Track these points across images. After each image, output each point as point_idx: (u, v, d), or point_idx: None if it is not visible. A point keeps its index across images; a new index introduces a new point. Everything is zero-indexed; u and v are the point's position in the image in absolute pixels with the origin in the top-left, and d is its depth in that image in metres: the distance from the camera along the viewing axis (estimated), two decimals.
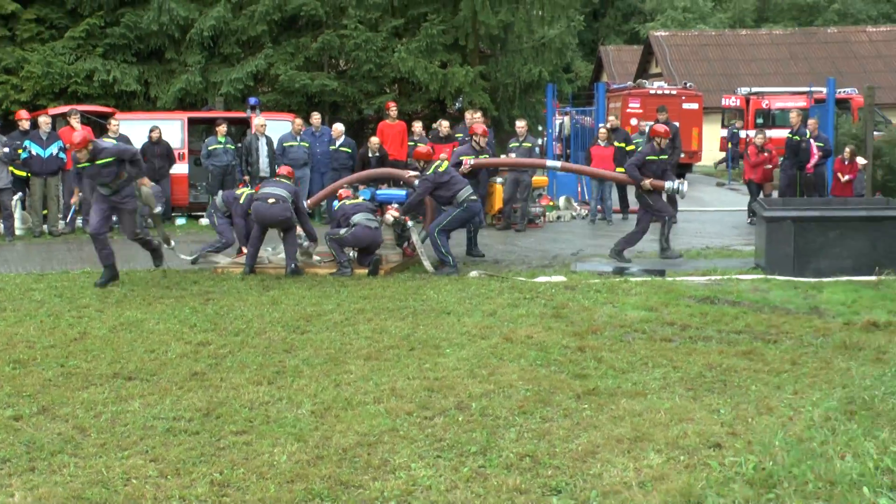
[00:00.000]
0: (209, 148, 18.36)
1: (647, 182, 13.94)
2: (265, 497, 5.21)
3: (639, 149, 17.37)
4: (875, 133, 23.71)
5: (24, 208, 18.41)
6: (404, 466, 5.63)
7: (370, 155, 18.44)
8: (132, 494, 5.25)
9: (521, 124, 18.76)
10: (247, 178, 18.62)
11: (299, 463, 5.69)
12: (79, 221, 18.28)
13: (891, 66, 45.75)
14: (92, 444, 6.06)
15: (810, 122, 19.52)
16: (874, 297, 10.69)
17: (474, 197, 13.65)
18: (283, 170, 14.05)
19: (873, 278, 11.87)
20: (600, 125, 20.94)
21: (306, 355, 8.37)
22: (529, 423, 6.41)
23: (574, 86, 32.21)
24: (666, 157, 14.65)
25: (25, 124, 17.68)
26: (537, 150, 18.67)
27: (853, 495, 5.06)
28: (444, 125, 18.70)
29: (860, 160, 19.27)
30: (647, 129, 20.40)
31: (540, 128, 27.81)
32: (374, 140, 18.71)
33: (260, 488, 5.32)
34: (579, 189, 22.60)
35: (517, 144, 18.31)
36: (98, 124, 18.50)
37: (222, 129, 18.55)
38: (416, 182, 13.57)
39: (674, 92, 31.25)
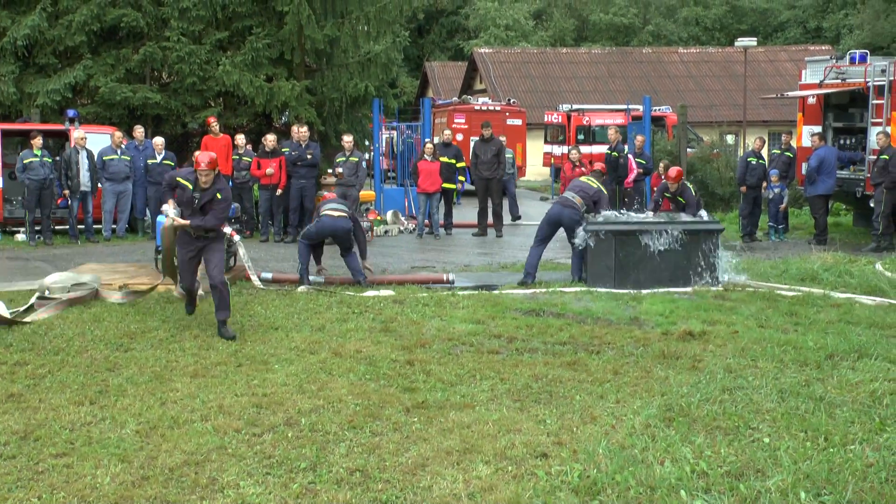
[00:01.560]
0: (24, 161, 17.65)
1: None
2: None
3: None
4: (688, 150, 24.80)
5: None
6: (233, 484, 5.55)
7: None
8: None
9: (347, 139, 18.78)
10: (66, 192, 18.00)
11: (123, 484, 5.53)
12: None
13: (701, 85, 47.89)
14: None
15: (638, 138, 20.33)
16: (689, 308, 11.15)
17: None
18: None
19: (688, 289, 12.39)
20: (426, 140, 21.15)
21: (130, 373, 8.15)
22: (359, 437, 6.41)
23: (400, 101, 32.47)
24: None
25: None
26: (364, 164, 18.72)
27: (672, 499, 5.27)
28: (269, 139, 18.52)
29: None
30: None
31: (367, 142, 27.86)
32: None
33: None
34: (406, 203, 22.76)
35: (344, 159, 18.32)
36: None
37: (37, 141, 17.86)
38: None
39: (498, 108, 31.85)
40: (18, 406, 7.17)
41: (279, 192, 18.20)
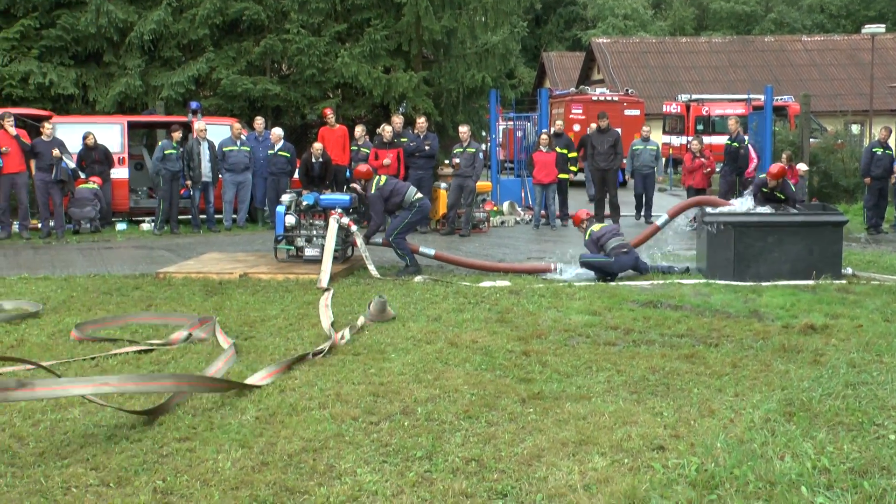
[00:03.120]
0: (164, 152, 18.15)
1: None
2: None
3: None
4: (811, 140, 24.15)
5: None
6: (350, 472, 5.61)
7: (313, 160, 18.37)
8: None
9: (464, 130, 18.81)
10: (189, 183, 18.46)
11: (244, 469, 5.64)
12: (15, 227, 18.00)
13: (825, 74, 46.63)
14: (30, 454, 5.96)
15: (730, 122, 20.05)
16: (811, 301, 10.87)
17: (420, 195, 13.78)
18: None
19: (810, 282, 12.09)
20: (542, 131, 21.08)
21: (251, 361, 8.31)
22: (475, 427, 6.42)
23: (517, 91, 32.37)
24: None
25: None
26: (481, 155, 18.75)
27: (792, 495, 5.14)
28: (387, 130, 18.68)
29: (802, 166, 19.63)
30: (649, 136, 20.71)
31: (483, 133, 27.89)
32: (318, 146, 18.65)
33: (204, 495, 5.27)
34: (523, 194, 22.71)
35: (461, 150, 18.36)
36: (34, 128, 18.21)
37: (177, 134, 18.35)
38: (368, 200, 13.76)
39: (616, 98, 31.57)
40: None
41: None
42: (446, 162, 19.83)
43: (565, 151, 19.72)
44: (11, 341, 9.13)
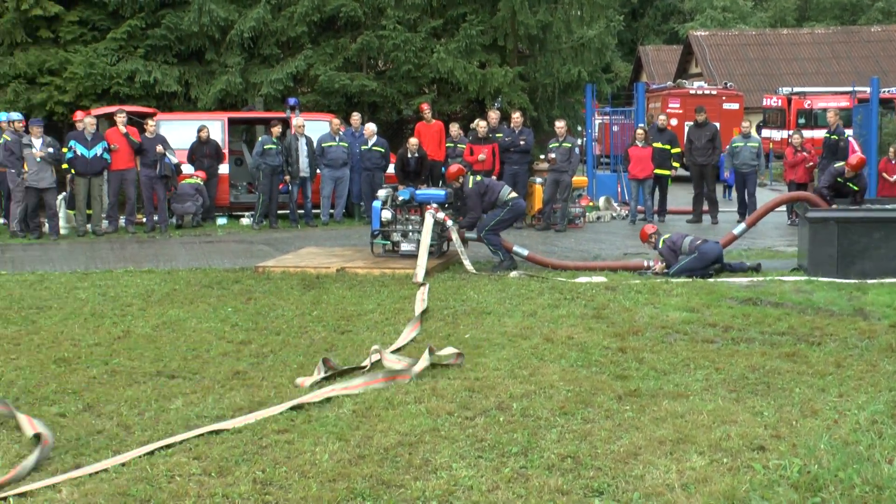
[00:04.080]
0: (264, 147, 18.41)
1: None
2: (307, 496, 5.23)
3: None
4: None
5: (68, 207, 18.63)
6: (445, 466, 5.63)
7: (409, 156, 18.48)
8: (176, 492, 5.29)
9: (560, 125, 18.71)
10: (287, 178, 18.69)
11: (341, 462, 5.70)
12: (121, 221, 18.47)
13: None
14: (136, 442, 6.11)
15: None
16: None
17: (515, 195, 13.75)
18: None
19: None
20: (639, 125, 20.86)
21: (347, 354, 8.40)
22: (571, 423, 6.39)
23: (613, 86, 32.09)
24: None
25: (80, 125, 17.91)
26: (577, 150, 18.61)
27: None
28: (481, 125, 18.68)
29: None
30: (750, 132, 20.20)
31: (579, 128, 27.72)
32: (413, 141, 18.75)
33: (302, 487, 5.34)
34: (619, 189, 22.52)
35: (557, 145, 18.27)
36: (140, 125, 18.65)
37: (277, 129, 18.61)
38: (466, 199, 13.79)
39: (714, 92, 31.10)
40: (243, 383, 7.51)
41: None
42: (542, 157, 19.75)
43: (668, 147, 19.46)
44: (118, 332, 9.37)
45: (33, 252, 15.78)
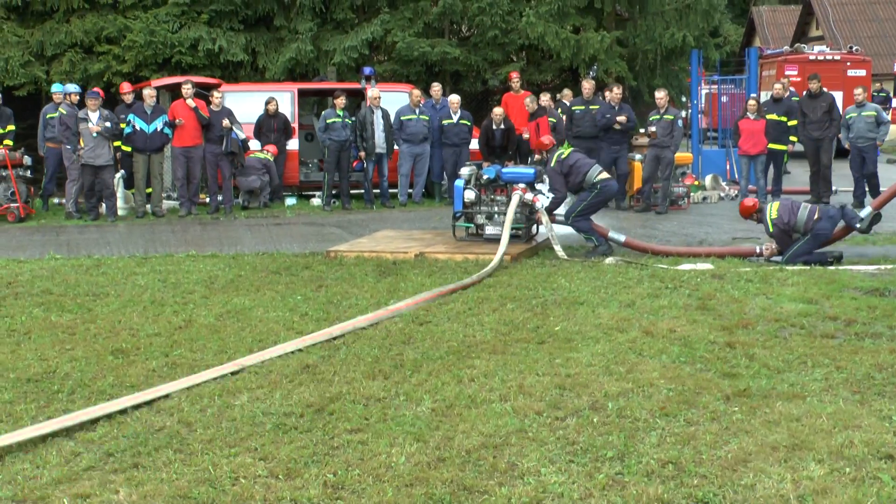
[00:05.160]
0: (327, 121, 18.48)
1: None
2: (382, 501, 5.26)
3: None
4: None
5: (126, 187, 18.93)
6: (533, 471, 5.62)
7: (494, 127, 18.44)
8: (241, 495, 5.36)
9: (660, 95, 18.49)
10: (362, 154, 18.74)
11: (419, 465, 5.72)
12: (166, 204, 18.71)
13: None
14: (198, 440, 6.21)
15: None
16: None
17: (606, 176, 13.62)
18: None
19: None
20: (751, 95, 20.53)
21: (426, 347, 8.42)
22: (672, 426, 6.33)
23: (722, 51, 31.58)
24: None
25: (129, 97, 18.16)
26: (680, 123, 18.39)
27: None
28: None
29: None
30: (864, 100, 19.60)
31: (684, 99, 27.41)
32: (498, 111, 18.67)
33: (377, 491, 5.37)
34: (728, 167, 22.22)
35: (658, 117, 18.06)
36: (205, 97, 18.86)
37: (341, 101, 18.65)
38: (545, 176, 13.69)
39: (837, 57, 30.46)
40: (313, 378, 7.57)
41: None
42: (641, 131, 19.55)
43: (784, 119, 19.10)
44: (179, 322, 9.53)
45: (90, 234, 16.13)
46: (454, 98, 19.69)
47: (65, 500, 5.34)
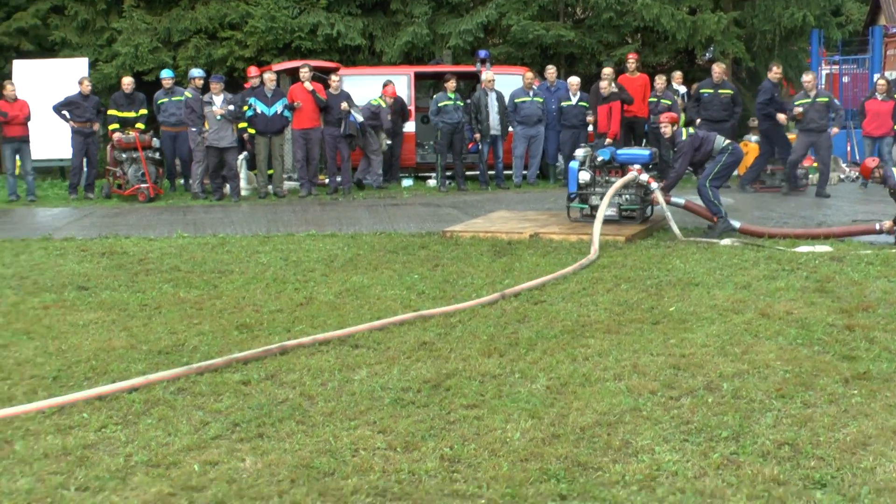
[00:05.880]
0: (439, 104, 18.62)
1: None
2: (497, 475, 5.30)
3: None
4: None
5: (249, 168, 19.31)
6: (647, 449, 5.60)
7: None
8: (360, 466, 5.45)
9: (808, 78, 17.85)
10: (477, 136, 18.80)
11: (534, 441, 5.75)
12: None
13: None
14: (319, 413, 6.32)
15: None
16: None
17: (730, 141, 13.60)
18: None
19: None
20: (881, 75, 20.01)
21: (541, 326, 8.43)
22: (788, 408, 6.25)
23: (844, 31, 30.73)
24: None
25: (255, 81, 18.50)
26: (837, 102, 17.89)
27: None
28: (602, 85, 18.37)
29: None
30: None
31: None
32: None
33: (492, 466, 5.42)
34: (848, 148, 21.73)
35: (809, 101, 17.40)
36: (323, 81, 19.11)
37: (451, 84, 18.77)
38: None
39: None
40: (430, 354, 7.65)
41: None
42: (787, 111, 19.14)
43: None
44: (301, 299, 9.70)
45: (214, 214, 16.50)
46: (574, 80, 19.62)
47: (195, 465, 5.50)
